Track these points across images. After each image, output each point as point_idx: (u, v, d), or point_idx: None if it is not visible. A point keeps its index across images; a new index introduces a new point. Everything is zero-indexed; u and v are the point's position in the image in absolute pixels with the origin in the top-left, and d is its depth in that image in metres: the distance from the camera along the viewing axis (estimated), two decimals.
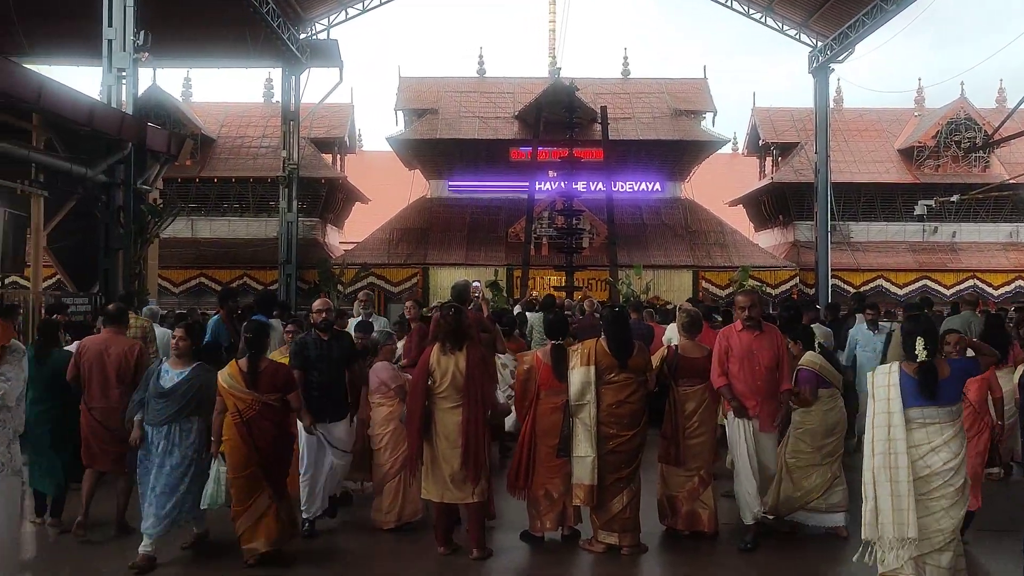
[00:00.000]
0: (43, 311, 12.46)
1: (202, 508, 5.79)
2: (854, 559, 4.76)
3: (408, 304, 9.09)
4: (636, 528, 5.95)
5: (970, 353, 5.16)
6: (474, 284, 12.42)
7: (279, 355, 6.66)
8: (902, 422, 4.55)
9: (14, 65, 11.19)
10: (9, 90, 10.64)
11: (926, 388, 4.52)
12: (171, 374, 5.81)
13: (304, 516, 6.27)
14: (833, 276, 24.28)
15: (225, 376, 5.67)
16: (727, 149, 32.60)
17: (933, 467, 4.51)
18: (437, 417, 5.84)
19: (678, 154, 26.82)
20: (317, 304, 6.60)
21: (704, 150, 27.30)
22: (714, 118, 28.08)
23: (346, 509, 6.95)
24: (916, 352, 4.56)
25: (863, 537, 4.66)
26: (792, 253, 26.29)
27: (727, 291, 23.86)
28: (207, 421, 5.83)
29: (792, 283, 24.73)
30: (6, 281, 17.80)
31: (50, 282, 18.56)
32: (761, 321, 6.25)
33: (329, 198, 27.05)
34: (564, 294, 20.25)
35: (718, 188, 30.74)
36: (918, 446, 4.53)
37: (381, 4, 23.77)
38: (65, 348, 7.10)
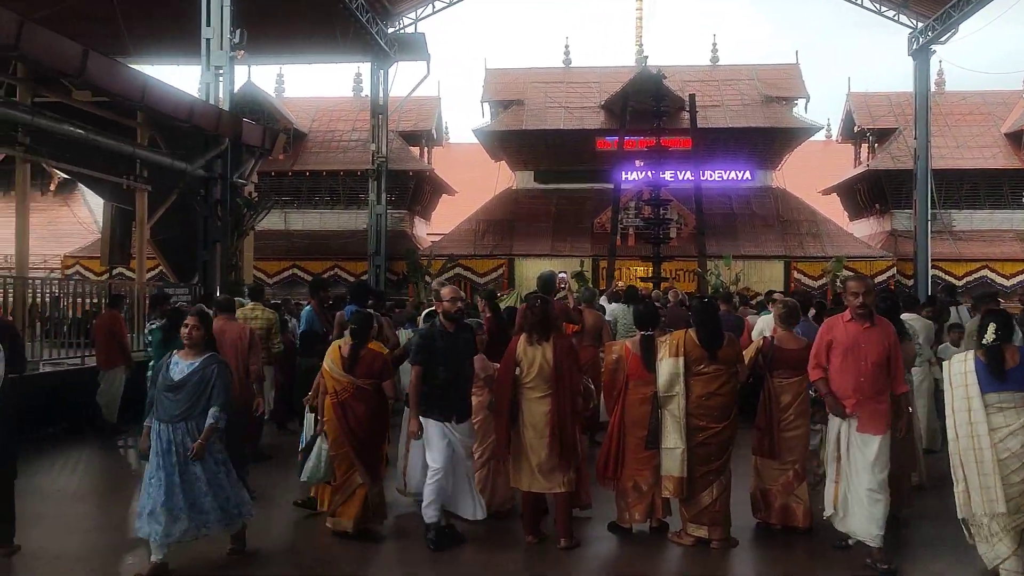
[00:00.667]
0: (147, 301, 13.03)
1: (302, 480, 6.19)
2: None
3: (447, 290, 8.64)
4: (726, 522, 5.85)
5: None
6: (560, 275, 12.34)
7: (331, 353, 6.83)
8: (981, 406, 4.80)
9: (120, 66, 11.68)
10: (116, 89, 11.12)
11: (994, 370, 4.78)
12: (181, 365, 5.35)
13: (428, 522, 5.81)
14: (933, 267, 23.35)
15: (327, 359, 6.02)
16: (820, 136, 31.69)
17: (1012, 450, 4.74)
18: (524, 407, 5.85)
19: (769, 142, 26.19)
20: (447, 292, 6.11)
21: (796, 137, 26.58)
22: (807, 104, 27.44)
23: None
24: (986, 337, 4.85)
25: (959, 516, 4.93)
26: (889, 243, 25.40)
27: (820, 282, 23.22)
28: (228, 414, 5.42)
29: (889, 274, 23.86)
30: (113, 272, 18.68)
31: (153, 273, 19.35)
32: (873, 312, 5.59)
33: (417, 190, 27.42)
34: (651, 285, 20.05)
35: (811, 176, 29.90)
36: (997, 430, 4.77)
37: None
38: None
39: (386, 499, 6.26)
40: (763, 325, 8.51)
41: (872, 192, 27.27)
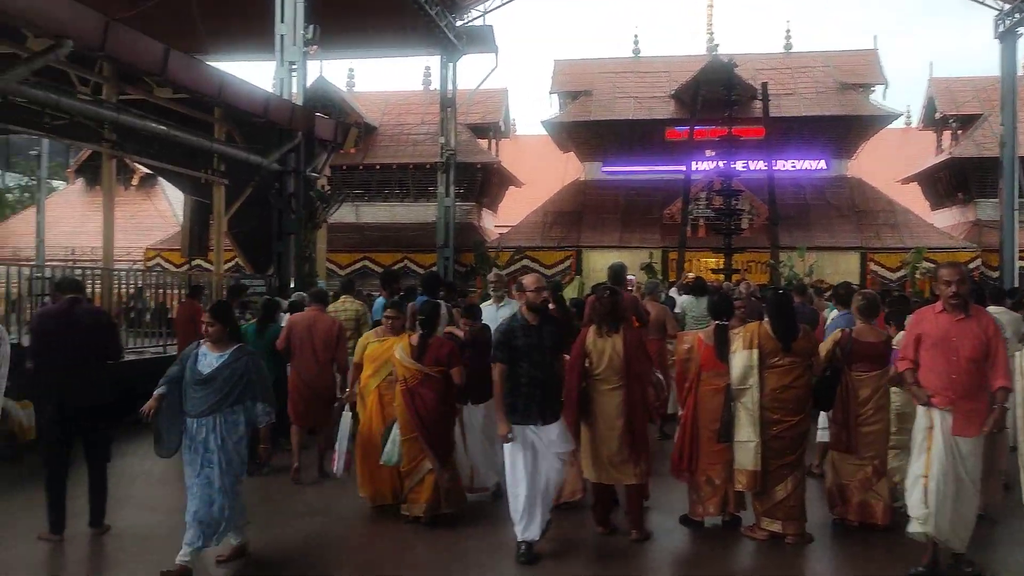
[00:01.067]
0: (225, 292, 13.41)
1: (380, 463, 6.28)
2: None
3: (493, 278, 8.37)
4: (801, 517, 5.76)
5: None
6: (629, 278, 12.21)
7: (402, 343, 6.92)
8: None
9: (199, 63, 12.04)
10: (195, 86, 11.47)
11: None
12: (209, 358, 5.19)
13: (519, 539, 5.53)
14: (1021, 257, 22.42)
15: (397, 349, 6.23)
16: (899, 124, 30.75)
17: None
18: (595, 399, 5.84)
19: (844, 130, 25.53)
20: (530, 280, 5.78)
21: (873, 125, 25.83)
22: (884, 91, 26.70)
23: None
24: None
25: None
26: (973, 233, 24.52)
27: (898, 274, 22.57)
28: (266, 406, 5.32)
29: (973, 265, 23.00)
30: (192, 264, 19.26)
31: (229, 265, 19.89)
32: (968, 302, 5.13)
33: (484, 182, 27.55)
34: (722, 277, 19.76)
35: (888, 165, 29.05)
36: None
37: None
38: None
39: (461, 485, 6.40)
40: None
41: (955, 181, 26.35)
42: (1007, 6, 21.91)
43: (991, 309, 7.63)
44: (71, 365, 5.74)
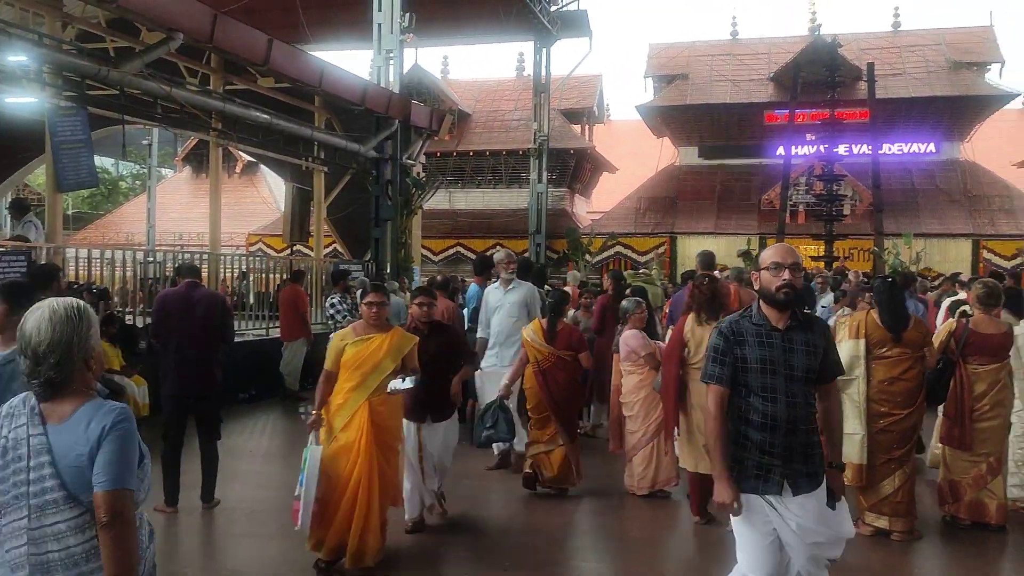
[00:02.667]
0: (324, 277, 13.78)
1: (481, 443, 6.66)
2: None
3: (503, 256, 7.79)
4: (909, 513, 5.57)
5: None
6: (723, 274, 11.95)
7: (534, 326, 6.82)
8: None
9: (300, 53, 12.34)
10: (297, 76, 11.78)
11: None
12: None
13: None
14: None
15: (529, 332, 6.64)
16: (1017, 104, 29.12)
17: None
18: (692, 387, 5.78)
19: (956, 111, 24.34)
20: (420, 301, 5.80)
21: (988, 106, 24.54)
22: (1001, 69, 25.30)
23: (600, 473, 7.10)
24: None
25: None
26: None
27: (1014, 262, 21.45)
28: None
29: None
30: (293, 249, 19.85)
31: (328, 251, 20.41)
32: None
33: (577, 168, 27.44)
34: (823, 264, 19.20)
35: (1005, 148, 27.58)
36: None
37: None
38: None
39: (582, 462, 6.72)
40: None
41: None
42: None
43: None
44: (190, 346, 6.04)
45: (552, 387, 6.47)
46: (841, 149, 22.55)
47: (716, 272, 8.78)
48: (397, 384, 4.97)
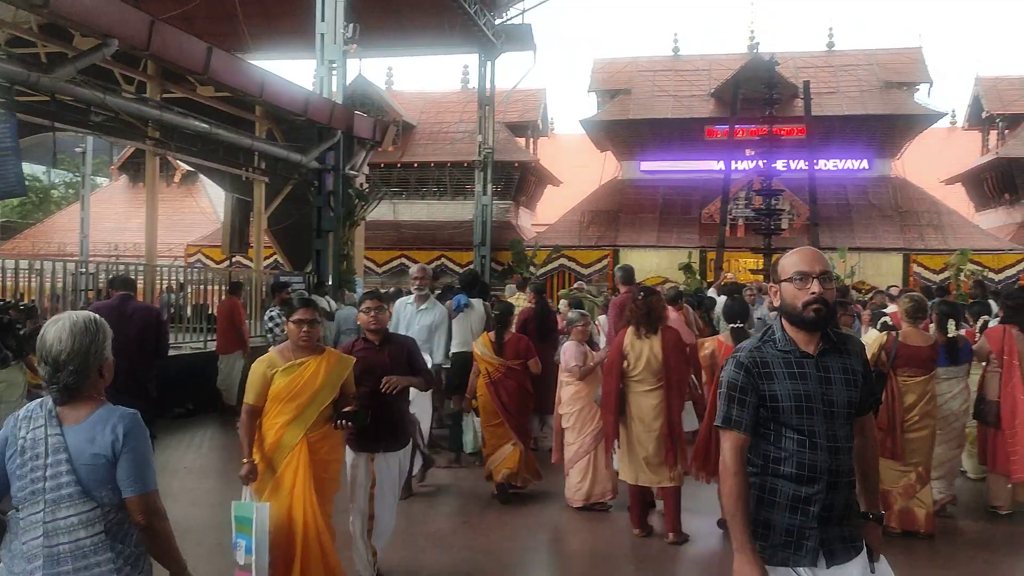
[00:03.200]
0: (264, 289, 13.57)
1: (468, 451, 7.45)
2: None
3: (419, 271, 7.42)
4: None
5: None
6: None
7: (482, 340, 6.99)
8: None
9: (241, 62, 12.17)
10: (237, 85, 11.59)
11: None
12: None
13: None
14: None
15: (480, 345, 6.95)
16: (944, 123, 30.19)
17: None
18: (631, 400, 5.83)
19: (888, 129, 25.11)
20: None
21: (917, 124, 25.37)
22: (930, 89, 26.21)
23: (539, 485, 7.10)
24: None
25: None
26: (1020, 235, 23.97)
27: (942, 276, 22.15)
28: None
29: (1019, 268, 22.53)
30: (232, 261, 19.53)
31: (269, 262, 20.12)
32: None
33: (522, 181, 27.55)
34: (762, 277, 19.57)
35: (933, 165, 28.53)
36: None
37: None
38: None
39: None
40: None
41: (1001, 181, 25.78)
42: None
43: None
44: (122, 361, 5.83)
45: (503, 396, 6.79)
46: (779, 164, 23.05)
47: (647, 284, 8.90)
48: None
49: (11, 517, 2.48)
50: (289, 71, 42.73)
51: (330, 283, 14.09)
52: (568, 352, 6.66)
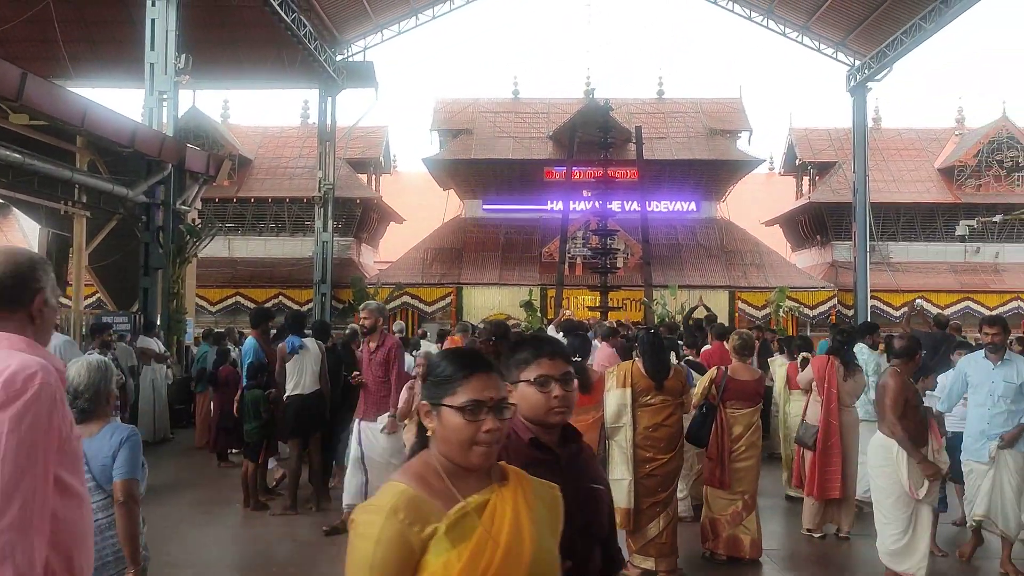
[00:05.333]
0: (84, 329, 12.70)
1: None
2: None
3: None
4: (673, 553, 5.85)
5: None
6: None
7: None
8: None
9: (59, 89, 11.45)
10: (55, 113, 10.89)
11: None
12: None
13: None
14: (872, 297, 23.92)
15: None
16: (763, 169, 32.42)
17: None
18: None
19: (713, 174, 26.72)
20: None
21: (740, 170, 27.17)
22: (750, 138, 28.16)
23: None
24: None
25: None
26: (830, 274, 25.99)
27: (763, 312, 23.63)
28: None
29: (830, 304, 24.41)
30: None
31: (90, 301, 18.88)
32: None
33: (364, 218, 27.31)
34: (598, 314, 20.17)
35: (754, 208, 30.55)
36: None
37: (417, 26, 24.03)
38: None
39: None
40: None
41: (813, 224, 27.92)
42: (857, 62, 23.56)
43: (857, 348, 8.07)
44: None
45: None
46: (614, 206, 23.95)
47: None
48: None
49: None
50: (119, 101, 40.68)
51: (159, 323, 13.38)
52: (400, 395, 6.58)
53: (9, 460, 1.72)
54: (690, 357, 8.05)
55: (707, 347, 9.06)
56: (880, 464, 5.54)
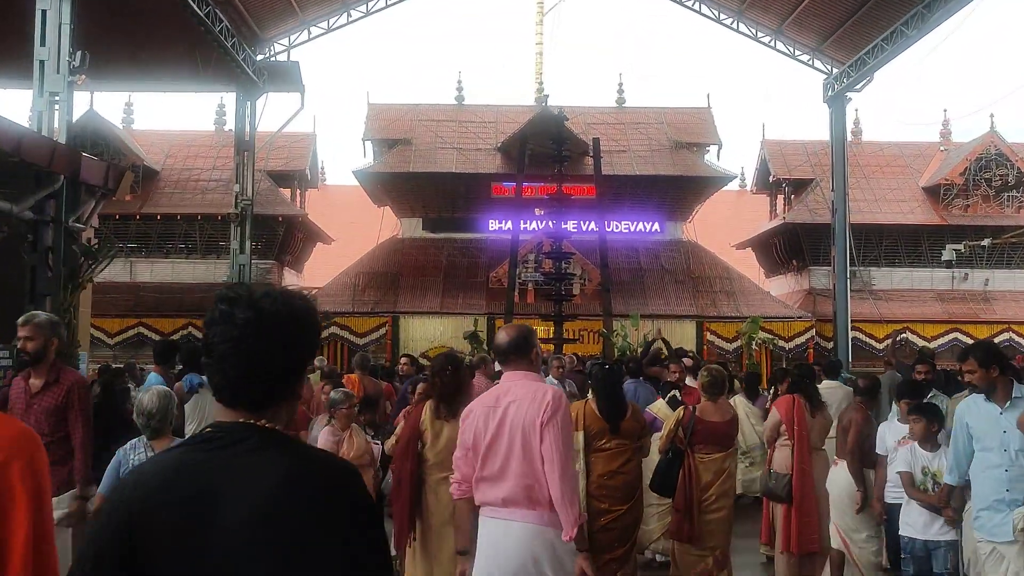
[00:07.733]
0: None
1: None
2: None
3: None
4: None
5: None
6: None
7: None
8: None
9: None
10: None
11: None
12: None
13: None
14: (854, 328, 24.06)
15: None
16: (734, 186, 32.96)
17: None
18: (430, 486, 5.54)
19: (679, 191, 27.04)
20: None
21: (708, 186, 27.54)
22: (719, 151, 28.41)
23: None
24: None
25: None
26: (807, 302, 26.31)
27: (735, 344, 23.89)
28: None
29: (808, 335, 24.74)
30: None
31: None
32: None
33: (287, 238, 27.09)
34: (552, 347, 20.23)
35: (724, 229, 30.93)
36: None
37: (349, 23, 24.04)
38: None
39: None
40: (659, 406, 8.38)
41: (789, 247, 28.25)
42: (835, 70, 24.14)
43: (824, 384, 8.25)
44: None
45: None
46: (570, 226, 24.07)
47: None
48: None
49: None
50: (2, 103, 39.88)
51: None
52: (321, 439, 6.43)
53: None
54: (677, 395, 7.88)
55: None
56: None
